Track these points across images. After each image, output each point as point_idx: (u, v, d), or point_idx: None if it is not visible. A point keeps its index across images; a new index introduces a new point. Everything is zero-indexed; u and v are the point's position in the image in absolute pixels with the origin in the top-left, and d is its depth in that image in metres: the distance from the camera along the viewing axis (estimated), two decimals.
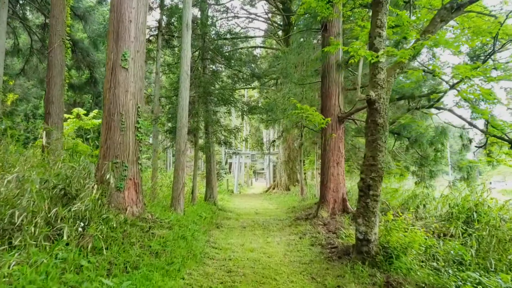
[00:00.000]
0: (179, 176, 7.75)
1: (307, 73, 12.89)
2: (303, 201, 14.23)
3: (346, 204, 9.07)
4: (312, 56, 14.00)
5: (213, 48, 10.33)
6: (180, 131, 7.82)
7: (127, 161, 5.65)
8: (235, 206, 14.17)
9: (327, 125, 9.22)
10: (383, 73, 4.26)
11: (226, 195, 19.43)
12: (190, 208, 9.27)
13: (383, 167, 4.51)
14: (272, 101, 10.43)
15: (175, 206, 7.65)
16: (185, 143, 7.90)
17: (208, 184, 11.73)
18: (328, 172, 9.07)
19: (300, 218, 9.31)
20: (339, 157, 9.19)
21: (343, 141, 9.45)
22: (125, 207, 5.53)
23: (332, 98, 9.25)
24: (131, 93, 5.77)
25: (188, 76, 7.98)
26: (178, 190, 7.70)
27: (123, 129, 5.65)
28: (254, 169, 51.19)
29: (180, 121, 7.85)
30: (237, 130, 10.22)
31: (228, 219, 9.71)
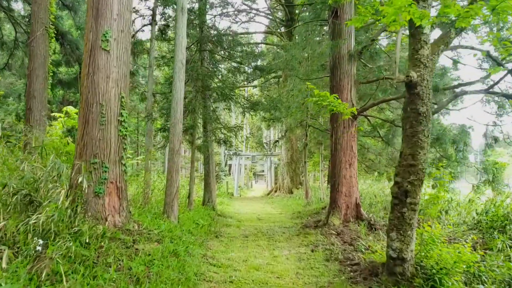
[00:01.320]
0: (172, 179, 6.81)
1: (313, 68, 12.00)
2: (308, 205, 13.29)
3: (359, 210, 8.14)
4: (318, 50, 13.13)
5: (213, 38, 9.41)
6: (174, 128, 6.90)
7: (108, 161, 4.72)
8: (236, 210, 13.22)
9: (337, 123, 8.31)
10: (427, 48, 3.35)
11: (225, 198, 18.48)
12: (186, 214, 8.33)
13: (424, 168, 3.58)
14: (276, 97, 9.52)
15: (168, 213, 6.71)
16: (180, 141, 6.97)
17: (206, 187, 10.79)
18: (339, 174, 8.14)
19: (308, 226, 8.37)
20: (352, 157, 8.26)
21: (356, 140, 8.53)
22: (105, 217, 4.59)
23: (344, 92, 8.33)
24: (114, 80, 4.84)
25: (183, 66, 7.06)
26: (172, 194, 6.77)
27: (103, 123, 4.72)
28: (254, 171, 50.31)
29: (174, 117, 6.92)
30: (238, 128, 9.29)
31: (228, 226, 8.76)
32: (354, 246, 6.03)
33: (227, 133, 9.17)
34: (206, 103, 9.32)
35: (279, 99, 9.31)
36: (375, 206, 9.61)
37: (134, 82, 11.64)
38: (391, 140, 9.17)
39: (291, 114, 12.85)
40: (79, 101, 5.00)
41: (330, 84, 11.19)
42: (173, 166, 6.84)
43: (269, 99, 9.43)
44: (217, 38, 9.57)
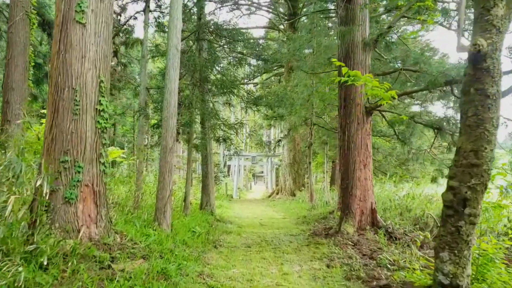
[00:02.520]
0: (165, 181, 5.93)
1: (319, 61, 11.15)
2: (313, 209, 12.41)
3: (375, 217, 7.27)
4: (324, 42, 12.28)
5: (212, 26, 8.54)
6: (166, 122, 6.02)
7: (82, 159, 3.83)
8: (236, 214, 12.34)
9: (349, 118, 7.46)
10: (502, 6, 2.49)
11: (225, 200, 17.59)
12: (181, 220, 7.45)
13: (490, 168, 2.71)
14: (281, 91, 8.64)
15: (160, 220, 5.82)
16: (174, 138, 6.09)
17: (204, 189, 9.91)
18: (353, 176, 7.28)
19: (318, 234, 7.50)
20: (367, 157, 7.40)
21: (371, 138, 7.67)
22: (77, 228, 3.71)
23: (357, 84, 7.46)
24: (91, 61, 3.96)
25: (177, 52, 6.19)
26: (164, 199, 5.88)
27: (77, 112, 3.84)
28: (253, 172, 49.45)
29: (167, 110, 6.04)
30: (240, 125, 8.42)
31: (228, 233, 7.88)
32: (376, 261, 5.15)
33: (227, 130, 8.30)
34: (204, 97, 8.44)
35: (284, 93, 8.44)
36: (389, 211, 8.76)
37: (127, 76, 10.77)
38: (408, 138, 8.31)
39: (295, 112, 12.01)
40: (49, 85, 4.12)
41: (341, 74, 10.32)
42: (166, 166, 5.95)
43: (273, 93, 8.56)
44: (216, 27, 8.70)
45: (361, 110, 7.43)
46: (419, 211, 8.43)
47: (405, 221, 8.00)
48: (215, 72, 8.22)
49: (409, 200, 9.14)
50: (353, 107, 7.46)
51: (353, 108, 7.46)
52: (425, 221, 7.86)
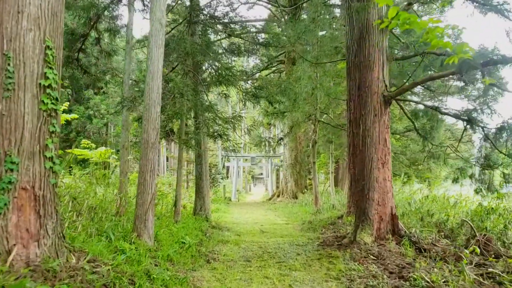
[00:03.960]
0: (146, 183, 4.87)
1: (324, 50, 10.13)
2: (318, 213, 11.36)
3: (396, 223, 6.22)
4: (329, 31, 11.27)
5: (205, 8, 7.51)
6: (148, 112, 4.96)
7: (18, 153, 2.78)
8: (234, 219, 11.27)
9: (365, 109, 6.43)
10: None
11: (222, 204, 16.52)
12: (169, 228, 6.38)
13: None
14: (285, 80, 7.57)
15: (140, 231, 4.75)
16: (157, 131, 5.03)
17: (198, 192, 8.83)
18: (370, 176, 6.23)
19: (329, 244, 6.44)
20: (386, 154, 6.36)
21: (389, 131, 6.63)
22: (6, 248, 2.64)
23: (375, 69, 6.45)
24: (32, 18, 2.91)
25: (162, 27, 5.14)
26: (145, 204, 4.82)
27: (10, 88, 2.79)
28: (253, 174, 48.43)
29: (149, 97, 4.99)
30: (238, 118, 7.36)
31: (225, 243, 6.81)
32: (409, 281, 4.09)
33: (222, 125, 7.25)
34: (197, 87, 7.39)
35: (287, 82, 7.38)
36: (408, 216, 7.70)
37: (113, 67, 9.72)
38: (430, 133, 7.27)
39: (298, 107, 10.98)
40: None
41: (348, 66, 9.30)
42: (147, 164, 4.89)
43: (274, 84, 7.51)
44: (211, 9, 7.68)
45: (379, 99, 6.39)
46: (441, 216, 7.41)
47: (428, 227, 6.97)
48: (210, 60, 7.17)
49: (429, 203, 8.10)
50: (369, 96, 6.43)
51: (369, 97, 6.43)
52: (451, 227, 6.83)
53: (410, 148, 11.85)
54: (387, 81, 6.51)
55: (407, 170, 12.95)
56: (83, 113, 19.72)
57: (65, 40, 8.74)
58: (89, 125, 19.79)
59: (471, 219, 6.70)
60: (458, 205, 7.99)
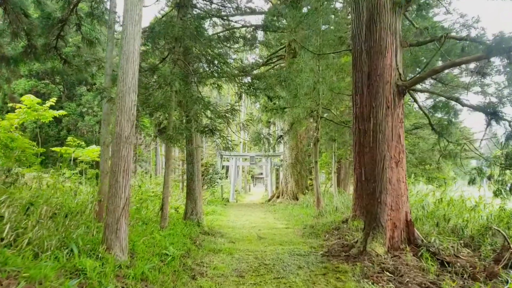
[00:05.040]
0: (118, 185, 4.07)
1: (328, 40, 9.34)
2: (320, 216, 10.57)
3: (412, 231, 5.43)
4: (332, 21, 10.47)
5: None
6: (121, 100, 4.18)
7: None
8: (230, 223, 10.48)
9: (376, 101, 5.63)
10: None
11: (219, 205, 15.73)
12: (154, 236, 5.59)
13: None
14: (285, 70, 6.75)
15: (110, 243, 3.96)
16: (132, 123, 4.24)
17: (189, 195, 8.04)
18: (382, 177, 5.44)
19: (335, 254, 5.65)
20: (400, 152, 5.57)
21: (403, 126, 5.83)
22: None
23: (387, 55, 5.65)
24: None
25: (140, 0, 4.35)
26: (117, 211, 4.03)
27: None
28: (252, 174, 47.68)
29: (123, 82, 4.21)
30: (232, 111, 6.55)
31: (216, 252, 6.01)
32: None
33: (214, 119, 6.44)
34: (188, 78, 6.59)
35: (288, 72, 6.57)
36: (421, 221, 6.91)
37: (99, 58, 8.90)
38: (447, 129, 6.48)
39: (299, 102, 10.19)
40: None
41: (355, 56, 8.49)
42: (120, 163, 4.10)
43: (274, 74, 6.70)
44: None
45: (391, 90, 5.60)
46: (459, 221, 6.62)
47: (443, 234, 6.18)
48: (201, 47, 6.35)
49: (444, 206, 7.32)
50: (381, 86, 5.63)
51: (381, 87, 5.63)
52: (471, 234, 6.05)
53: (419, 147, 11.08)
54: (401, 69, 5.73)
55: (414, 170, 12.17)
56: (75, 110, 18.93)
57: (40, 25, 7.96)
58: (81, 122, 19.00)
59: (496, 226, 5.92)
60: (477, 209, 7.19)
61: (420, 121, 11.42)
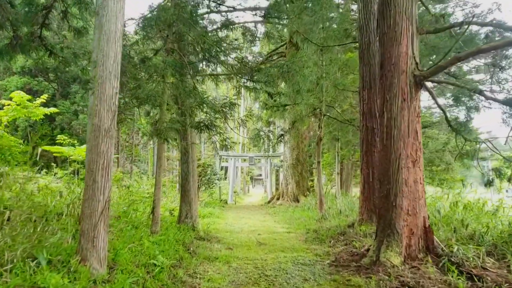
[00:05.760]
0: (96, 186, 3.49)
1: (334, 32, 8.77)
2: (323, 219, 9.99)
3: (431, 238, 4.85)
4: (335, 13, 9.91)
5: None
6: (101, 86, 3.60)
7: None
8: (227, 226, 9.89)
9: (391, 92, 5.06)
10: None
11: (217, 207, 15.13)
12: (143, 242, 5.01)
13: None
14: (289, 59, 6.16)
15: (86, 253, 3.37)
16: (113, 113, 3.66)
17: (184, 196, 7.44)
18: (397, 178, 4.86)
19: (343, 264, 5.06)
20: (417, 150, 4.99)
21: (420, 121, 5.26)
22: None
23: (402, 42, 5.07)
24: None
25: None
26: (94, 215, 3.44)
27: None
28: (251, 175, 47.12)
29: (103, 66, 3.63)
30: (230, 105, 5.97)
31: (212, 261, 5.42)
32: None
33: (210, 113, 5.85)
34: (183, 70, 6.01)
35: (291, 61, 5.99)
36: (436, 226, 6.32)
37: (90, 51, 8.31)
38: (465, 126, 5.92)
39: (302, 98, 9.63)
40: None
41: (362, 48, 8.00)
42: (98, 160, 3.52)
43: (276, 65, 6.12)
44: None
45: (408, 80, 5.02)
46: (478, 227, 6.05)
47: (461, 240, 5.61)
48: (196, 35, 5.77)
49: (462, 210, 6.75)
50: (396, 76, 5.05)
51: (396, 78, 5.06)
52: (494, 242, 5.47)
53: (428, 147, 10.52)
54: (417, 58, 5.15)
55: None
56: (69, 108, 18.33)
57: (23, 12, 7.37)
58: (75, 121, 18.39)
59: None
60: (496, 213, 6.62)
61: (427, 120, 10.89)
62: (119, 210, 6.50)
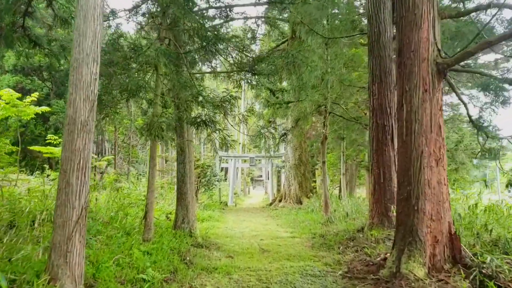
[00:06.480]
0: (71, 189, 2.93)
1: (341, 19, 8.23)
2: (329, 222, 9.44)
3: (458, 246, 4.29)
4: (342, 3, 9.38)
5: None
6: (77, 72, 3.05)
7: None
8: (228, 230, 9.32)
9: (410, 82, 4.50)
10: None
11: (217, 210, 14.54)
12: (132, 252, 4.44)
13: None
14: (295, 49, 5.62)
15: (57, 271, 2.81)
16: (93, 102, 3.10)
17: (180, 200, 6.87)
18: (419, 178, 4.30)
19: (358, 275, 4.50)
20: (440, 147, 4.43)
21: (443, 115, 4.69)
22: None
23: (423, 26, 4.51)
24: None
25: None
26: (67, 226, 2.88)
27: None
28: (252, 176, 46.60)
29: (79, 48, 3.08)
30: (230, 99, 5.41)
31: (210, 272, 4.86)
32: None
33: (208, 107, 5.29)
34: (178, 60, 5.45)
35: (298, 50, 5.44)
36: (457, 231, 5.74)
37: None
38: (489, 122, 5.36)
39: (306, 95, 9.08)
40: None
41: (371, 40, 7.48)
42: (73, 159, 2.96)
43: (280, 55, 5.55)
44: None
45: (429, 69, 4.46)
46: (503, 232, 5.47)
47: (484, 247, 5.04)
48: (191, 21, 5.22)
49: (482, 214, 6.18)
50: (416, 64, 4.50)
51: (416, 66, 4.50)
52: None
53: None
54: (439, 44, 4.60)
55: None
56: (63, 107, 17.76)
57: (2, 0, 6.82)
58: None
59: None
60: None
61: None
62: (108, 215, 5.94)
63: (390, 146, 7.34)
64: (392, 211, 7.13)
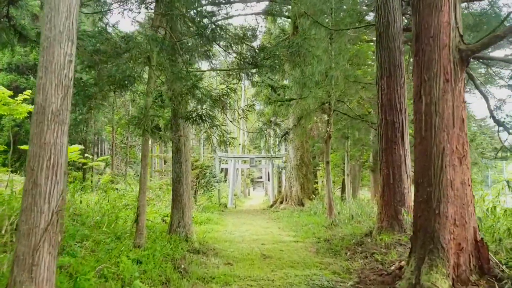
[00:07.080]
0: (39, 191, 2.47)
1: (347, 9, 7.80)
2: (334, 225, 8.97)
3: (485, 255, 3.81)
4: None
5: None
6: (47, 52, 2.59)
7: None
8: (227, 234, 8.84)
9: (429, 71, 4.04)
10: None
11: (216, 211, 14.07)
12: (120, 261, 3.98)
13: None
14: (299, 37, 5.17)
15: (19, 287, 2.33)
16: (67, 88, 2.64)
17: (176, 202, 6.39)
18: (441, 178, 3.83)
19: (372, 287, 4.02)
20: (463, 143, 3.97)
21: (466, 108, 4.23)
22: None
23: (443, 9, 4.05)
24: None
25: None
26: (34, 234, 2.41)
27: None
28: (252, 177, 46.15)
29: (50, 24, 2.63)
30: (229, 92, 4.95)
31: (207, 282, 4.39)
32: None
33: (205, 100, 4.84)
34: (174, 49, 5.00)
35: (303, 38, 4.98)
36: None
37: None
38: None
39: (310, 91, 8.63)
40: None
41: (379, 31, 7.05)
42: (42, 155, 2.50)
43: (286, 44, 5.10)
44: None
45: (451, 57, 4.00)
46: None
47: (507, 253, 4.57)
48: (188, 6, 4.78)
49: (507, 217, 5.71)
50: (435, 51, 4.03)
51: (436, 53, 4.03)
52: None
53: None
54: (461, 29, 4.14)
55: None
56: None
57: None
58: None
59: None
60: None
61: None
62: (95, 218, 5.48)
63: (400, 145, 6.88)
64: (402, 214, 6.68)
